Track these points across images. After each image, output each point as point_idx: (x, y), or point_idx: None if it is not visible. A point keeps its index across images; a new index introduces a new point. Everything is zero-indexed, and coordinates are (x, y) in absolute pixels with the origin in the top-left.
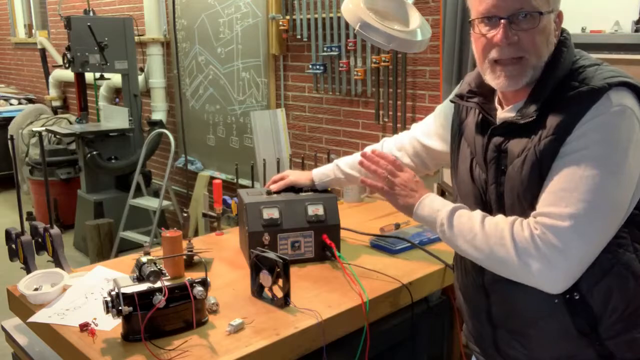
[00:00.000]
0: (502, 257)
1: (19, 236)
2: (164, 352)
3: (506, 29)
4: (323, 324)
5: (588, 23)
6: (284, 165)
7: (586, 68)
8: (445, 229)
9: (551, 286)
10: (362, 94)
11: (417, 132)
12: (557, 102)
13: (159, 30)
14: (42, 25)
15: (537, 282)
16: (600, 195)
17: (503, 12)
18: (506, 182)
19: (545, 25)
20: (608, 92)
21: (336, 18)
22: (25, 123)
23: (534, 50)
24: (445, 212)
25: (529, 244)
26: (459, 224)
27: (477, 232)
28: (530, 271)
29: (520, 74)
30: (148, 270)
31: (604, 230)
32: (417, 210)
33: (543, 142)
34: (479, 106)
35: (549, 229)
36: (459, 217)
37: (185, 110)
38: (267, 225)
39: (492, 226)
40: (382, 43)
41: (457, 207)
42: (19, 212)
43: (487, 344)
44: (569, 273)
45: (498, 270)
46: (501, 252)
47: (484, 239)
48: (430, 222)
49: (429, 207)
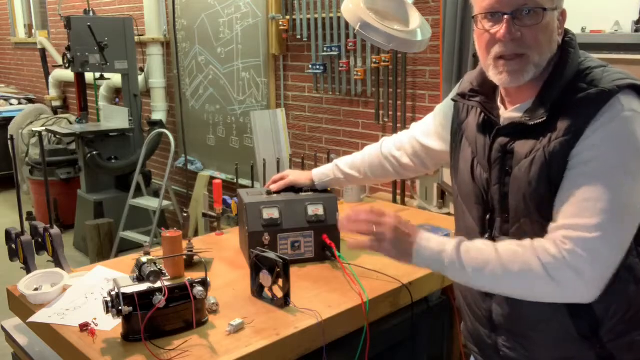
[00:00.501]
0: (531, 282)
1: (19, 236)
2: (164, 352)
3: (509, 24)
4: (323, 324)
5: (588, 23)
6: (284, 165)
7: (593, 69)
8: (456, 268)
9: (584, 297)
10: (362, 94)
11: (416, 131)
12: (566, 103)
13: (159, 30)
14: (42, 25)
15: (572, 297)
16: (623, 202)
17: (506, 8)
18: (511, 183)
19: (549, 22)
20: (618, 95)
21: (336, 18)
22: (25, 123)
23: (536, 47)
24: (450, 250)
25: (558, 261)
26: (470, 259)
27: (495, 264)
28: (564, 288)
29: (522, 69)
30: (148, 270)
31: (628, 235)
32: (418, 256)
33: (553, 144)
34: (481, 105)
35: (576, 243)
36: (467, 252)
37: (185, 110)
38: (267, 225)
39: (510, 253)
40: (382, 43)
41: (461, 241)
42: (19, 212)
43: (486, 345)
44: (601, 281)
45: (526, 296)
46: (529, 276)
47: (507, 269)
48: (436, 264)
49: (429, 250)
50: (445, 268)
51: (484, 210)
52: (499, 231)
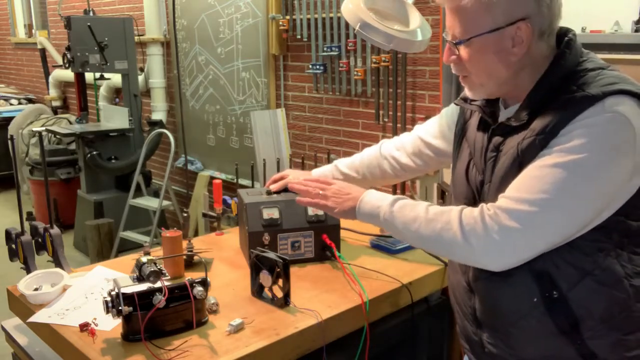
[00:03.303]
0: (448, 240)
1: (19, 236)
2: (164, 352)
3: (448, 49)
4: (323, 324)
5: (588, 23)
6: (284, 165)
7: (588, 72)
8: (389, 221)
9: (490, 262)
10: (362, 94)
11: (421, 131)
12: (551, 103)
13: (159, 30)
14: (42, 25)
15: (481, 261)
16: (566, 193)
17: (447, 34)
18: (493, 179)
19: (481, 48)
20: (603, 100)
21: (336, 18)
22: (25, 123)
23: (474, 71)
24: (386, 205)
25: (476, 223)
26: (402, 215)
27: (421, 220)
28: (473, 249)
29: (472, 88)
30: (148, 270)
31: (560, 227)
32: (359, 211)
33: (526, 141)
34: (480, 109)
35: (502, 210)
36: (401, 208)
37: (185, 110)
38: (267, 225)
39: (438, 212)
40: (382, 43)
41: (397, 198)
42: (19, 212)
43: (474, 342)
44: (513, 254)
45: (445, 253)
46: (448, 235)
47: (430, 226)
48: (374, 218)
49: (369, 204)
50: (381, 222)
51: None
52: None
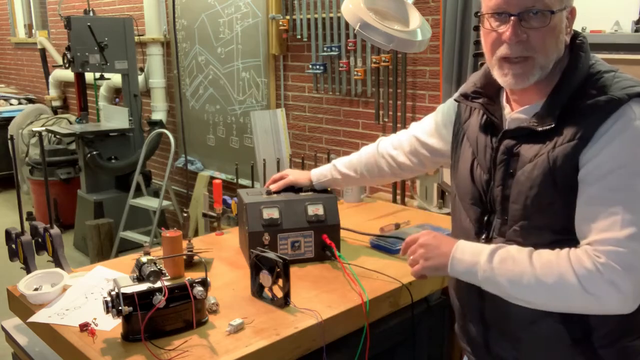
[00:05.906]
0: (566, 296)
1: (19, 236)
2: (164, 352)
3: (516, 26)
4: (323, 324)
5: (588, 23)
6: (284, 165)
7: (603, 74)
8: (490, 279)
9: (622, 309)
10: (362, 94)
11: (416, 130)
12: (574, 109)
13: (159, 30)
14: (42, 25)
15: (610, 309)
16: None
17: (514, 9)
18: (514, 185)
19: (557, 23)
20: (629, 103)
21: (336, 18)
22: (25, 123)
23: (542, 50)
24: (484, 261)
25: (593, 274)
26: (506, 271)
27: (529, 276)
28: (601, 301)
29: (527, 72)
30: (148, 270)
31: None
32: (453, 268)
33: (558, 149)
34: (484, 107)
35: (609, 256)
36: (501, 263)
37: (185, 110)
38: (267, 225)
39: (545, 264)
40: (382, 43)
41: (493, 251)
42: (19, 212)
43: (478, 344)
44: (637, 292)
45: (562, 308)
46: (565, 290)
47: (542, 281)
48: (471, 277)
49: (464, 262)
50: (479, 281)
51: (482, 211)
52: (497, 232)
